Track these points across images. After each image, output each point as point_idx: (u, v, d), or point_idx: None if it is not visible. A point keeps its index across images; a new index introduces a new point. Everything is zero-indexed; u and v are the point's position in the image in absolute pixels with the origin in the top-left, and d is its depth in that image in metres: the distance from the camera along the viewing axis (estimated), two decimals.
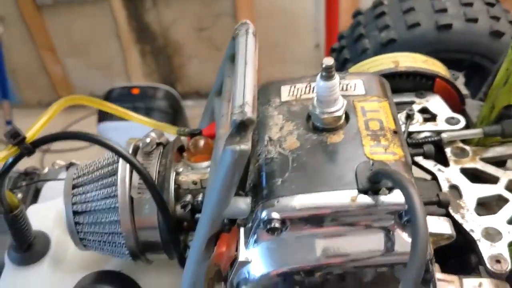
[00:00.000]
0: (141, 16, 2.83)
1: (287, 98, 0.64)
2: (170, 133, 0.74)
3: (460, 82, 0.97)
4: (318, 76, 0.56)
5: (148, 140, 0.66)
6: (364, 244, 0.51)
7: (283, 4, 2.78)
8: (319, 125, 0.58)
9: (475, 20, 0.97)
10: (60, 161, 0.95)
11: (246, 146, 0.50)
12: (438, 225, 0.57)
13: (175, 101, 2.21)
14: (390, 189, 0.51)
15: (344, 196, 0.51)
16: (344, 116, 0.59)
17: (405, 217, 0.50)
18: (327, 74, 0.54)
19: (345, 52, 1.08)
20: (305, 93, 0.63)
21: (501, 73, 0.72)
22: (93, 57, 2.88)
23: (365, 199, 0.51)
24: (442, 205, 0.63)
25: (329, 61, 0.54)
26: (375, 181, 0.51)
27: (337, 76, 0.55)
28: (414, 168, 0.78)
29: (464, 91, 0.94)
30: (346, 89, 0.63)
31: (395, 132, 0.57)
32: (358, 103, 0.61)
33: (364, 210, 0.51)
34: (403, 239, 0.51)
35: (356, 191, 0.52)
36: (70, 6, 2.73)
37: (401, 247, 0.50)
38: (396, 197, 0.50)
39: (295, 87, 0.65)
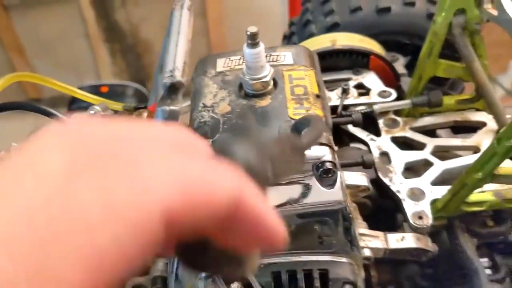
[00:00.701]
0: (110, 15, 2.85)
1: (222, 69, 0.68)
2: (116, 109, 0.78)
3: (399, 63, 1.03)
4: (245, 44, 0.60)
5: (92, 112, 0.69)
6: (285, 194, 0.56)
7: (251, 1, 2.83)
8: (249, 91, 0.63)
9: (412, 4, 1.02)
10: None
11: (176, 107, 0.54)
12: (355, 178, 0.62)
13: (145, 98, 2.24)
14: None
15: None
16: (272, 83, 0.63)
17: (320, 168, 0.54)
18: (252, 42, 0.59)
19: (294, 38, 1.13)
20: (238, 64, 0.68)
21: (426, 45, 0.77)
22: (62, 57, 2.88)
23: None
24: (366, 165, 0.68)
25: (252, 28, 0.58)
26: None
27: (261, 44, 0.60)
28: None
29: (402, 70, 1.00)
30: (276, 60, 0.68)
31: (317, 96, 0.62)
32: (286, 72, 0.65)
33: None
34: (319, 189, 0.55)
35: None
36: (37, 6, 2.73)
37: (317, 197, 0.55)
38: (312, 152, 0.55)
39: (230, 59, 0.69)
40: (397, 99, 0.85)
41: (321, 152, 0.56)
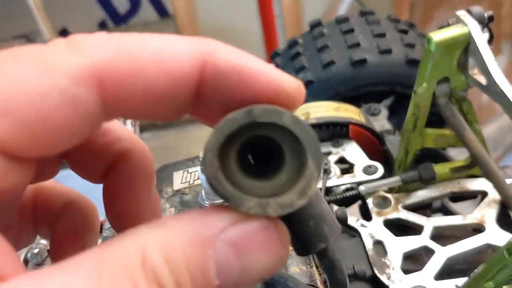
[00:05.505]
0: None
1: (179, 186, 0.59)
2: None
3: (383, 116, 0.94)
4: (199, 170, 0.51)
5: (36, 250, 0.60)
6: None
7: (227, 24, 2.77)
8: None
9: (389, 51, 0.94)
10: None
11: None
12: None
13: None
14: None
15: None
16: None
17: None
18: None
19: None
20: (197, 178, 0.59)
21: (408, 118, 0.69)
22: None
23: None
24: (358, 277, 0.59)
25: None
26: (270, 283, 0.47)
27: None
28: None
29: (386, 126, 0.91)
30: None
31: None
32: None
33: None
34: None
35: None
36: None
37: None
38: None
39: (187, 171, 0.60)
40: (385, 169, 0.76)
41: None
